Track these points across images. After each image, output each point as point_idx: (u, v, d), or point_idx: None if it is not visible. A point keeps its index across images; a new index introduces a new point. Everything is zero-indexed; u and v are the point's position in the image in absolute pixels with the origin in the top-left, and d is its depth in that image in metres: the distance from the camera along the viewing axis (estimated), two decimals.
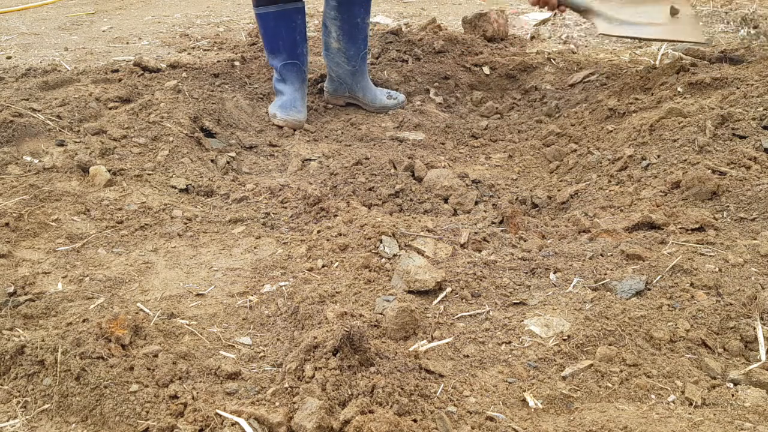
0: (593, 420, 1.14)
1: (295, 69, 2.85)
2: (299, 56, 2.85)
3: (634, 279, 1.49)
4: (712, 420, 1.14)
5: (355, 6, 2.87)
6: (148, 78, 2.93)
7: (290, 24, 2.78)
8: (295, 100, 2.84)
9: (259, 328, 1.50)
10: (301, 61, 2.86)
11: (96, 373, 1.23)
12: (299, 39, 2.82)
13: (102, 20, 4.67)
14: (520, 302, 1.51)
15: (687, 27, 2.08)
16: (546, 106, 3.00)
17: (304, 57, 2.88)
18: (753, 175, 1.85)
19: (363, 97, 3.02)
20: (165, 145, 2.37)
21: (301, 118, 2.82)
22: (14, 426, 1.19)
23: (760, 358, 1.28)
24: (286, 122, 2.79)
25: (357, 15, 2.88)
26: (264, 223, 2.02)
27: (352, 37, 2.92)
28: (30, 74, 3.09)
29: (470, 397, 1.23)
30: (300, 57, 2.85)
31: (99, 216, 1.94)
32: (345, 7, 2.87)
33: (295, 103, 2.83)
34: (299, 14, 2.79)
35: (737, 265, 1.51)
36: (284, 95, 2.86)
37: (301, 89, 2.89)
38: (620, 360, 1.28)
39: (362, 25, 2.92)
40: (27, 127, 2.34)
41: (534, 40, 3.85)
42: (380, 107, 3.01)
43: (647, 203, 1.90)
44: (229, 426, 1.12)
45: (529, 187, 2.36)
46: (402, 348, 1.36)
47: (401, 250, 1.71)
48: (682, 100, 2.37)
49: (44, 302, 1.52)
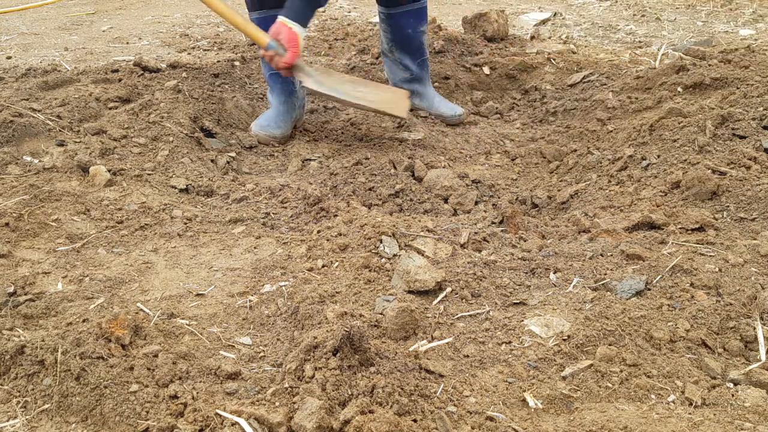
0: (593, 420, 1.14)
1: (280, 80, 2.73)
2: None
3: (634, 279, 1.49)
4: (712, 420, 1.14)
5: (404, 17, 2.79)
6: (148, 78, 2.93)
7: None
8: (278, 114, 2.74)
9: (259, 328, 1.50)
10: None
11: (96, 373, 1.23)
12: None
13: (102, 20, 4.68)
14: (520, 302, 1.51)
15: (395, 103, 2.37)
16: (546, 106, 3.00)
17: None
18: (753, 175, 1.85)
19: (420, 104, 2.95)
20: (165, 145, 2.37)
21: (277, 134, 2.70)
22: (14, 426, 1.19)
23: (760, 358, 1.28)
24: (258, 136, 2.69)
25: (407, 26, 2.80)
26: (264, 223, 2.02)
27: (404, 47, 2.86)
28: (30, 74, 3.09)
29: (470, 397, 1.23)
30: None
31: (99, 216, 1.94)
32: (393, 19, 2.81)
33: (277, 117, 2.73)
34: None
35: (737, 265, 1.51)
36: (270, 108, 2.79)
37: (288, 102, 2.76)
38: (620, 360, 1.28)
39: (414, 35, 2.83)
40: (27, 127, 2.34)
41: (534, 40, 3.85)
42: (436, 115, 2.92)
43: (647, 203, 1.90)
44: (229, 426, 1.12)
45: (529, 187, 2.37)
46: (402, 348, 1.36)
47: (401, 250, 1.71)
48: (682, 100, 2.37)
49: (44, 302, 1.52)
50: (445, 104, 2.94)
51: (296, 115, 2.81)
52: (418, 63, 2.90)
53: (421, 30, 2.85)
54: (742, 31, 3.78)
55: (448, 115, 2.90)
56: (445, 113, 2.91)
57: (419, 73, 2.92)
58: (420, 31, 2.84)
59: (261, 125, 2.72)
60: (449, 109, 2.92)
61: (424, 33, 2.87)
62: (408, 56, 2.89)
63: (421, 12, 2.82)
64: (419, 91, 2.94)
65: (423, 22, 2.84)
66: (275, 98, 2.78)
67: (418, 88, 2.94)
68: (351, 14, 4.67)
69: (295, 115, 2.80)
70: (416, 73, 2.92)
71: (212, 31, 4.28)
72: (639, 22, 4.17)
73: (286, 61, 2.43)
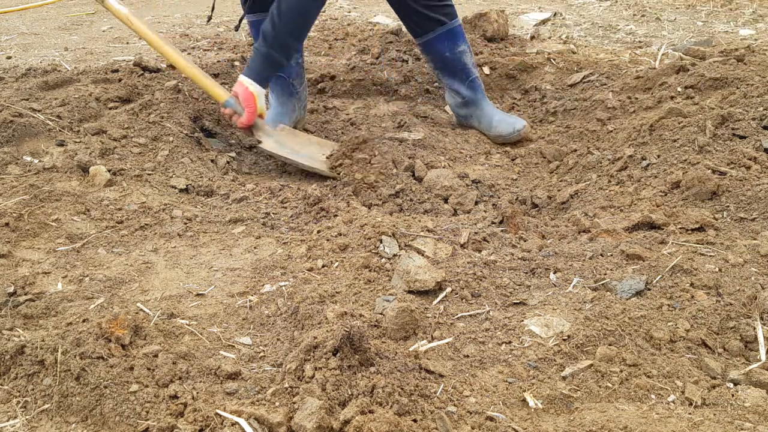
0: (593, 420, 1.14)
1: (281, 82, 2.72)
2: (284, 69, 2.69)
3: (634, 279, 1.49)
4: (712, 420, 1.14)
5: (437, 42, 2.74)
6: (148, 78, 2.93)
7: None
8: (277, 115, 2.71)
9: (259, 328, 1.50)
10: (287, 74, 2.73)
11: (96, 373, 1.23)
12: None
13: (102, 20, 4.67)
14: (520, 302, 1.51)
15: (322, 165, 2.41)
16: (546, 106, 3.00)
17: (289, 68, 2.72)
18: (753, 175, 1.85)
19: (479, 126, 2.84)
20: (165, 145, 2.37)
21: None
22: (14, 426, 1.19)
23: (760, 358, 1.28)
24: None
25: (443, 50, 2.74)
26: (264, 223, 2.02)
27: (448, 72, 2.80)
28: (30, 74, 3.09)
29: (470, 397, 1.23)
30: (286, 70, 2.71)
31: (99, 216, 1.94)
32: (429, 47, 2.76)
33: (276, 118, 2.69)
34: None
35: (737, 265, 1.51)
36: (269, 108, 2.76)
37: (288, 103, 2.75)
38: (620, 360, 1.28)
39: (453, 57, 2.76)
40: (27, 127, 2.34)
41: (534, 40, 3.85)
42: (495, 136, 2.77)
43: (647, 203, 1.90)
44: (229, 426, 1.12)
45: (529, 187, 2.37)
46: (402, 348, 1.36)
47: (401, 250, 1.71)
48: (682, 100, 2.37)
49: (44, 302, 1.52)
50: (504, 123, 2.77)
51: (296, 117, 2.80)
52: (467, 85, 2.81)
53: (460, 51, 2.77)
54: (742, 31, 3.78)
55: (507, 134, 2.74)
56: (503, 132, 2.74)
57: (471, 95, 2.82)
58: (458, 52, 2.76)
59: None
60: (508, 126, 2.75)
61: (464, 53, 2.78)
62: (455, 80, 2.81)
63: (452, 33, 2.74)
64: (476, 113, 2.84)
65: (459, 43, 2.76)
66: (275, 99, 2.77)
67: (474, 110, 2.84)
68: (351, 14, 4.67)
69: (295, 117, 2.79)
70: (468, 96, 2.82)
71: (212, 31, 4.28)
72: (639, 22, 4.17)
73: (242, 122, 2.41)
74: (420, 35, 2.76)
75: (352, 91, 3.28)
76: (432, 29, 2.71)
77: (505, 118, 2.78)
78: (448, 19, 2.72)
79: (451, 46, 2.75)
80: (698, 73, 2.52)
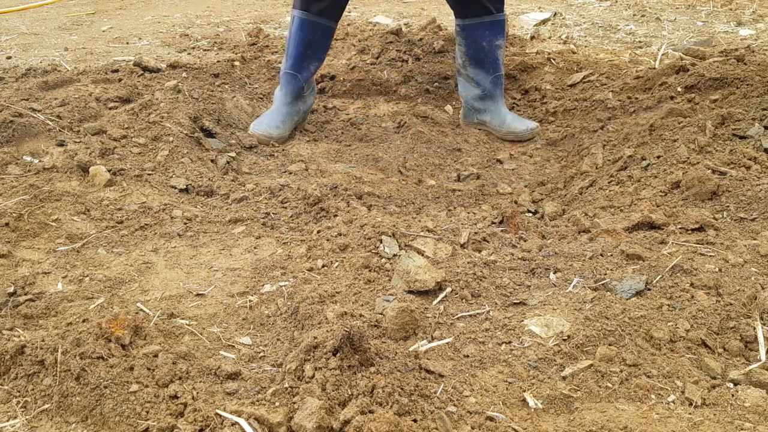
0: (593, 420, 1.14)
1: (292, 81, 2.74)
2: (301, 70, 2.74)
3: (634, 279, 1.49)
4: (712, 420, 1.14)
5: (479, 29, 2.72)
6: (148, 78, 2.93)
7: (307, 35, 2.67)
8: (280, 114, 2.73)
9: (259, 328, 1.50)
10: (302, 75, 2.75)
11: (96, 373, 1.23)
12: (309, 54, 2.71)
13: (102, 20, 4.67)
14: (520, 302, 1.51)
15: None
16: (546, 106, 3.00)
17: (306, 72, 2.76)
18: (753, 175, 1.85)
19: (491, 122, 2.85)
20: (165, 145, 2.37)
21: (274, 134, 2.69)
22: (14, 426, 1.19)
23: (760, 358, 1.28)
24: (255, 135, 2.68)
25: (482, 38, 2.74)
26: (264, 223, 2.02)
27: (479, 61, 2.79)
28: (30, 74, 3.09)
29: (470, 397, 1.23)
30: (302, 71, 2.74)
31: (99, 216, 1.94)
32: (468, 31, 2.75)
33: (278, 118, 2.73)
34: (319, 30, 2.68)
35: (737, 265, 1.51)
36: (273, 106, 2.79)
37: (291, 104, 2.76)
38: (620, 360, 1.28)
39: (489, 49, 2.76)
40: (27, 127, 2.34)
41: (534, 40, 3.85)
42: (507, 132, 2.78)
43: (647, 203, 1.90)
44: (229, 426, 1.12)
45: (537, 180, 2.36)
46: (402, 348, 1.36)
47: (401, 250, 1.71)
48: (682, 100, 2.37)
49: (44, 302, 1.52)
50: (519, 121, 2.80)
51: (298, 119, 2.81)
52: (492, 80, 2.82)
53: (497, 44, 2.77)
54: (742, 31, 3.78)
55: (521, 131, 2.76)
56: (517, 129, 2.77)
57: (492, 90, 2.83)
58: (495, 45, 2.77)
59: (260, 124, 2.72)
60: (522, 124, 2.78)
61: (499, 48, 2.79)
62: (482, 71, 2.81)
63: (496, 25, 2.75)
64: (490, 108, 2.84)
65: (499, 36, 2.77)
66: (282, 96, 2.77)
67: (490, 105, 2.84)
68: (351, 14, 4.67)
69: (297, 119, 2.80)
70: (489, 90, 2.83)
71: (212, 31, 4.28)
72: (639, 22, 4.16)
73: None
74: (463, 17, 2.74)
75: (352, 91, 3.29)
76: (478, 15, 2.71)
77: (519, 119, 2.81)
78: (497, 10, 2.72)
79: (491, 38, 2.75)
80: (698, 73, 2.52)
